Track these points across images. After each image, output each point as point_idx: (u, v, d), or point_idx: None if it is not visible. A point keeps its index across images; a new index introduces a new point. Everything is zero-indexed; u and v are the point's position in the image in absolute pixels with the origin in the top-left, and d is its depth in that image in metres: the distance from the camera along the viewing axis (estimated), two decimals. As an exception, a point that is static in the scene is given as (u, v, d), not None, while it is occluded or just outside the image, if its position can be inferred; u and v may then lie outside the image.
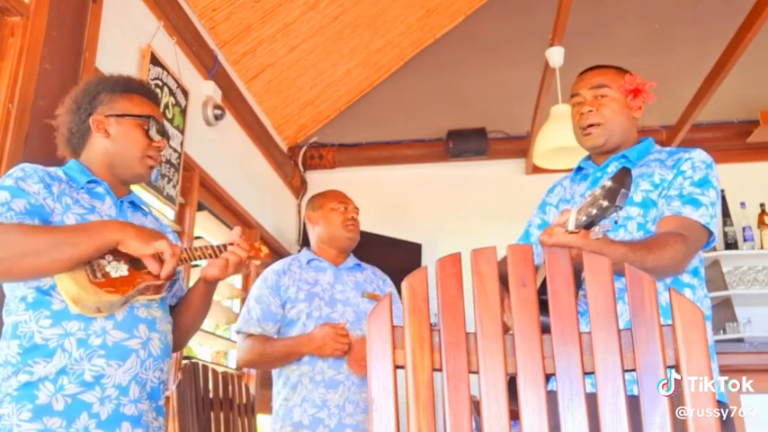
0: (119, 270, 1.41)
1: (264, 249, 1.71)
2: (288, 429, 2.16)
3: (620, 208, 1.10)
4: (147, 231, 1.44)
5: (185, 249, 1.53)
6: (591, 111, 1.66)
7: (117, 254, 1.41)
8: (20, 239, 1.30)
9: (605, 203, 1.10)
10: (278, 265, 2.41)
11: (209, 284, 1.62)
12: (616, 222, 1.55)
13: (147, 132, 1.57)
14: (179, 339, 1.63)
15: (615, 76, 1.69)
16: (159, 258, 1.43)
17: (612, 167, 1.67)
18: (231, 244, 1.59)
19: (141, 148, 1.56)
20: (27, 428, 1.30)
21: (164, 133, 1.61)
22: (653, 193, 1.58)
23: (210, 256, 1.57)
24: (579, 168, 1.79)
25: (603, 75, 1.70)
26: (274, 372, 2.29)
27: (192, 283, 1.71)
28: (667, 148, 1.69)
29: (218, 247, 1.59)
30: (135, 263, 1.44)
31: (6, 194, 1.37)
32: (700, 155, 1.60)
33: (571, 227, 1.19)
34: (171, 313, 1.62)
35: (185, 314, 1.65)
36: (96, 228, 1.38)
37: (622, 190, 1.08)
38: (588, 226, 1.17)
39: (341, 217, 2.39)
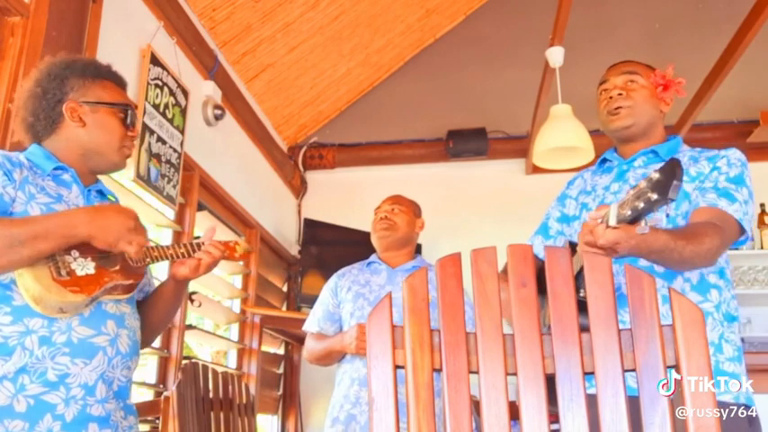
0: (85, 268, 1.31)
1: (241, 248, 1.63)
2: (328, 424, 2.30)
3: (673, 200, 1.04)
4: (119, 221, 1.33)
5: (157, 248, 1.47)
6: (621, 94, 1.67)
7: (84, 250, 1.32)
8: None
9: (654, 196, 1.04)
10: (344, 268, 2.57)
11: (179, 283, 1.55)
12: (667, 215, 1.52)
13: (123, 121, 1.50)
14: (147, 336, 1.56)
15: (646, 69, 1.73)
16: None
17: (640, 162, 1.66)
18: (204, 243, 1.53)
19: (119, 137, 1.49)
20: None
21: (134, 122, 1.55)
22: (688, 185, 1.56)
23: (183, 256, 1.50)
24: (603, 160, 1.78)
25: (635, 65, 1.73)
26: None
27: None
28: (698, 148, 1.69)
29: (191, 244, 1.52)
30: (103, 260, 1.36)
31: None
32: (735, 153, 1.60)
33: (612, 222, 1.13)
34: (138, 309, 1.53)
35: (154, 311, 1.57)
36: (65, 220, 1.28)
37: (674, 182, 1.02)
38: (633, 220, 1.11)
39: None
